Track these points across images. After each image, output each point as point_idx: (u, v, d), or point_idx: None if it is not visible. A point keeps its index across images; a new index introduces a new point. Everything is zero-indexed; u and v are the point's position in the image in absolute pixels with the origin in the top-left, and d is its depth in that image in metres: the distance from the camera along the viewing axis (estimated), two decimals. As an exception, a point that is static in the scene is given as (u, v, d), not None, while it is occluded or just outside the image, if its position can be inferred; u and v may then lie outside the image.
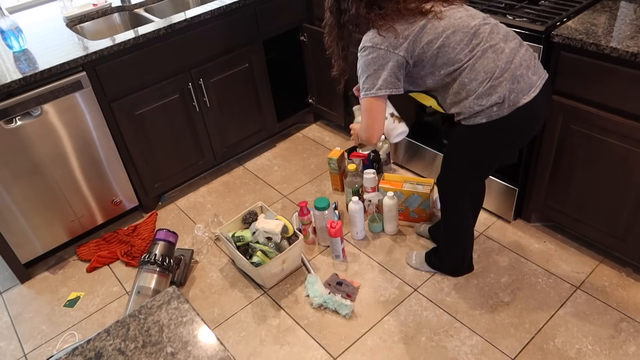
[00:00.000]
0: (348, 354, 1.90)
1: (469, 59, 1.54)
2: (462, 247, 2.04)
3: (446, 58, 1.55)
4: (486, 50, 1.53)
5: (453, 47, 1.54)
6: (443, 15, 1.55)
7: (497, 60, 1.53)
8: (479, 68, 1.53)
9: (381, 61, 1.56)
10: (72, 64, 2.11)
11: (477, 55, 1.53)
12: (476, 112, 1.57)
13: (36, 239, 2.35)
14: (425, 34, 1.54)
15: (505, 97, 1.53)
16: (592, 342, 1.84)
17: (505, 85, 1.53)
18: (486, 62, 1.53)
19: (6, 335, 2.16)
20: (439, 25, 1.54)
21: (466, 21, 1.55)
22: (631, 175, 1.82)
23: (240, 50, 2.64)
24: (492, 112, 1.55)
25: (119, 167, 2.46)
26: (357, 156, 2.62)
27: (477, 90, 1.54)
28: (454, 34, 1.53)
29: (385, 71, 1.56)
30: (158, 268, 2.14)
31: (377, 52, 1.56)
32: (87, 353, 1.02)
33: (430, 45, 1.54)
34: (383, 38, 1.55)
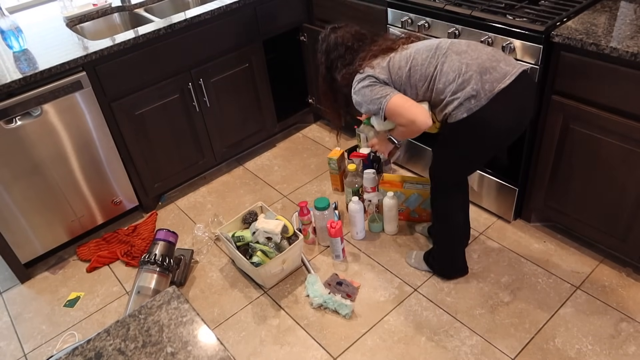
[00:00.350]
0: (348, 354, 1.90)
1: (436, 67, 1.69)
2: (451, 245, 2.05)
3: (418, 75, 1.71)
4: (448, 55, 1.69)
5: (421, 64, 1.71)
6: (409, 47, 1.77)
7: (462, 59, 1.66)
8: (447, 69, 1.67)
9: (372, 83, 1.75)
10: (72, 64, 2.11)
11: (442, 61, 1.69)
12: (455, 107, 1.66)
13: (36, 239, 2.35)
14: (396, 62, 1.75)
15: (478, 89, 1.63)
16: (592, 342, 1.84)
17: (476, 77, 1.63)
18: (452, 63, 1.67)
19: (6, 335, 2.16)
20: (406, 53, 1.75)
21: (428, 43, 1.76)
22: (631, 175, 1.82)
23: (240, 50, 2.64)
24: (470, 104, 1.64)
25: (119, 167, 2.46)
26: (357, 156, 2.62)
27: (451, 88, 1.66)
28: (419, 54, 1.73)
29: (376, 87, 1.75)
30: (158, 268, 2.14)
31: (365, 80, 1.76)
32: (87, 353, 1.02)
33: (402, 70, 1.73)
34: (363, 72, 1.78)
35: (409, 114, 1.69)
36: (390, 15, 2.33)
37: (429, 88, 1.71)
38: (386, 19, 2.36)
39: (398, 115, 1.72)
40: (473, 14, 2.01)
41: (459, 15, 2.05)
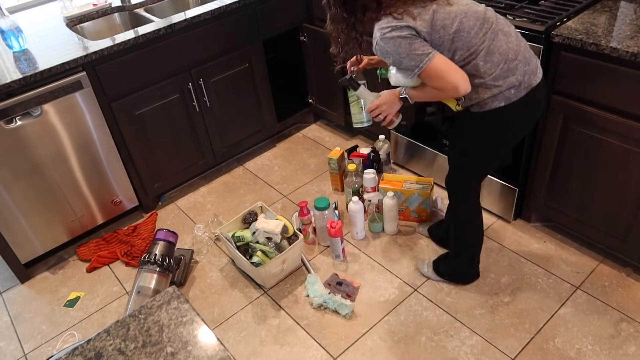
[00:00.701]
0: (348, 354, 1.90)
1: (483, 42, 1.54)
2: (472, 248, 2.00)
3: (461, 42, 1.54)
4: (497, 33, 1.55)
5: (467, 32, 1.53)
6: (453, 1, 1.55)
7: (509, 42, 1.56)
8: (494, 50, 1.54)
9: (408, 36, 1.52)
10: (72, 64, 2.11)
11: (491, 37, 1.54)
12: (493, 95, 1.58)
13: (36, 239, 2.34)
14: (440, 18, 1.52)
15: (521, 80, 1.57)
16: (592, 342, 1.84)
17: (520, 68, 1.57)
18: (499, 44, 1.55)
19: (6, 335, 2.16)
20: (451, 11, 1.53)
21: (473, 7, 1.57)
22: (631, 175, 1.82)
23: (240, 50, 2.64)
24: (510, 94, 1.58)
25: (119, 167, 2.46)
26: (357, 156, 2.62)
27: (493, 72, 1.55)
28: (467, 19, 1.53)
29: (417, 42, 1.53)
30: (158, 268, 2.14)
31: (403, 30, 1.52)
32: (87, 353, 1.02)
33: (447, 30, 1.53)
34: (400, 19, 1.53)
35: (453, 79, 1.53)
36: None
37: (465, 60, 1.56)
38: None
39: (438, 78, 1.55)
40: (473, 14, 2.01)
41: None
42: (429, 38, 1.53)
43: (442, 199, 2.49)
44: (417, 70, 1.55)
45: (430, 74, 1.55)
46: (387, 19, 1.55)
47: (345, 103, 2.91)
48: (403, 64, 1.57)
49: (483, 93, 1.59)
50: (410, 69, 1.56)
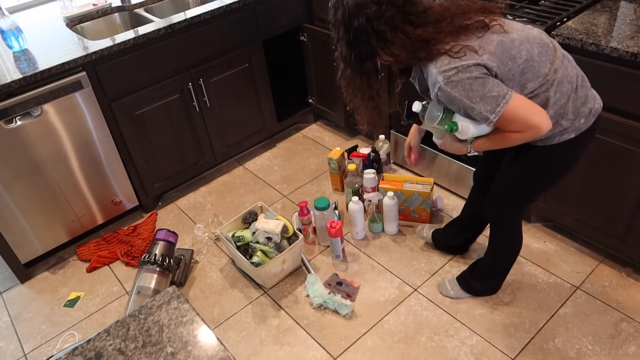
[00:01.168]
0: (348, 354, 1.90)
1: (553, 70, 1.38)
2: (510, 267, 1.95)
3: (532, 73, 1.36)
4: (561, 58, 1.40)
5: (537, 60, 1.36)
6: (507, 27, 1.37)
7: (572, 66, 1.42)
8: (562, 78, 1.39)
9: (478, 75, 1.31)
10: (72, 64, 2.11)
11: (558, 64, 1.39)
12: (564, 128, 1.43)
13: (36, 239, 2.35)
14: (505, 48, 1.33)
15: (592, 107, 1.44)
16: (592, 342, 1.84)
17: (589, 94, 1.44)
18: (565, 71, 1.40)
19: (6, 335, 2.16)
20: (514, 38, 1.35)
21: (529, 32, 1.39)
22: (631, 175, 1.82)
23: (240, 50, 2.64)
24: (580, 124, 1.43)
25: (119, 167, 2.46)
26: (357, 156, 2.62)
27: (565, 103, 1.40)
28: (531, 46, 1.36)
29: (489, 81, 1.31)
30: (158, 268, 2.14)
31: (467, 71, 1.30)
32: (87, 353, 1.02)
33: (515, 61, 1.34)
34: (462, 56, 1.30)
35: (535, 119, 1.32)
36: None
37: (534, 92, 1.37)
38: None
39: (517, 121, 1.34)
40: (473, 14, 2.01)
41: (459, 15, 2.05)
42: (499, 73, 1.33)
43: (442, 199, 2.49)
44: (493, 116, 1.32)
45: (508, 117, 1.33)
46: (446, 59, 1.32)
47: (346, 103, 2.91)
48: (475, 110, 1.34)
49: (554, 128, 1.40)
50: (485, 116, 1.34)
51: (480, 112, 1.34)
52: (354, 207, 2.26)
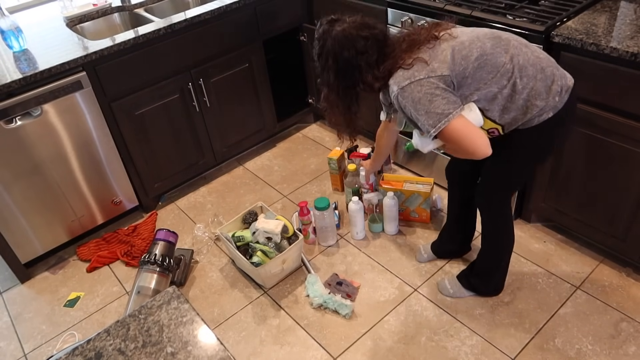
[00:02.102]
0: (348, 354, 1.90)
1: (512, 58, 1.44)
2: (508, 256, 1.95)
3: (490, 66, 1.43)
4: (518, 47, 1.46)
5: (491, 53, 1.43)
6: (456, 34, 1.47)
7: (533, 52, 1.48)
8: (524, 63, 1.45)
9: (428, 89, 1.40)
10: (72, 64, 2.11)
11: (514, 52, 1.45)
12: (540, 108, 1.48)
13: (36, 239, 2.35)
14: (456, 51, 1.43)
15: (562, 84, 1.49)
16: (592, 342, 1.84)
17: (556, 72, 1.49)
18: (527, 57, 1.46)
19: (6, 335, 2.16)
20: (463, 41, 1.45)
21: (480, 31, 1.50)
22: (631, 175, 1.82)
23: (240, 50, 2.64)
24: (555, 102, 1.49)
25: (119, 167, 2.46)
26: (357, 156, 2.62)
27: (535, 88, 1.46)
28: (482, 42, 1.44)
29: (438, 97, 1.40)
30: (158, 268, 2.14)
31: (418, 84, 1.40)
32: (87, 353, 1.03)
33: (467, 60, 1.43)
34: (415, 70, 1.42)
35: (470, 145, 1.41)
36: (390, 15, 2.33)
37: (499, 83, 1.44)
38: (386, 19, 2.36)
39: (454, 141, 1.43)
40: (473, 14, 2.01)
41: (459, 15, 2.05)
42: (453, 76, 1.42)
43: (442, 199, 2.49)
44: (434, 130, 1.41)
45: (447, 136, 1.42)
46: (401, 72, 1.44)
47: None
48: (420, 122, 1.44)
49: (531, 111, 1.48)
50: (427, 129, 1.43)
51: (423, 124, 1.44)
52: (353, 207, 2.26)
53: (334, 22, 1.50)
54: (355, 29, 1.46)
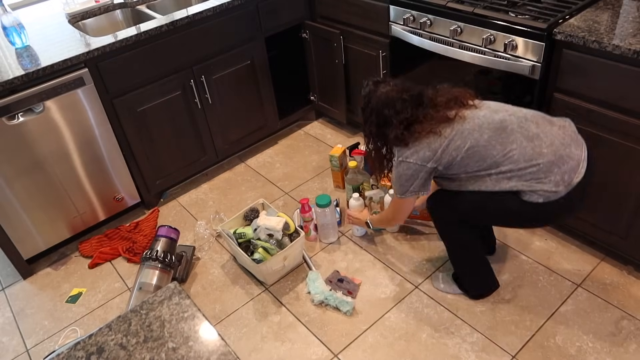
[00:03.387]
0: (349, 351, 1.90)
1: (505, 154, 1.59)
2: (473, 268, 1.96)
3: (478, 157, 1.61)
4: (518, 140, 1.59)
5: (483, 145, 1.60)
6: (467, 118, 1.63)
7: (535, 146, 1.58)
8: (518, 157, 1.59)
9: (413, 173, 1.69)
10: (74, 61, 2.12)
11: (511, 147, 1.59)
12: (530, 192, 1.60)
13: (38, 235, 2.35)
14: (452, 141, 1.62)
15: (558, 180, 1.57)
16: (593, 340, 1.84)
17: (556, 170, 1.57)
18: (523, 150, 1.58)
19: (8, 331, 2.17)
20: (465, 129, 1.62)
21: (490, 117, 1.63)
22: (632, 173, 1.82)
23: (242, 47, 2.64)
24: (548, 194, 1.59)
25: (121, 164, 2.47)
26: (359, 153, 2.62)
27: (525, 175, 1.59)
28: (481, 135, 1.61)
29: (417, 180, 1.70)
30: (160, 264, 2.14)
31: (408, 166, 1.68)
32: (89, 348, 1.03)
33: (459, 150, 1.62)
34: (414, 151, 1.66)
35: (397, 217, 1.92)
36: (392, 12, 2.33)
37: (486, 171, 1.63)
38: (388, 16, 2.36)
39: (394, 208, 1.88)
40: (475, 11, 2.01)
41: (462, 12, 2.05)
42: (439, 159, 1.65)
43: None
44: (396, 195, 1.79)
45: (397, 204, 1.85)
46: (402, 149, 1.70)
47: (348, 101, 2.91)
48: (395, 184, 1.77)
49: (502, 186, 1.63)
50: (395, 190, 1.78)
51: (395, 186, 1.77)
52: (354, 204, 2.26)
53: (378, 83, 1.75)
54: (397, 92, 1.69)
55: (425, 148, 1.65)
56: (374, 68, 2.61)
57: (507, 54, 1.95)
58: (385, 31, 2.42)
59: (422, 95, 1.71)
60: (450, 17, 2.09)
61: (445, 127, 1.63)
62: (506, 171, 1.60)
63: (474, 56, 2.05)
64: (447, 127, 1.63)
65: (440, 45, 2.16)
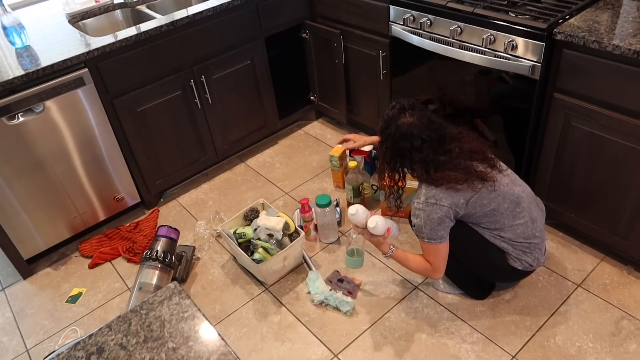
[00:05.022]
0: (349, 351, 1.90)
1: (512, 225, 1.76)
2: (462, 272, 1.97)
3: (493, 219, 1.75)
4: (525, 217, 1.77)
5: (501, 213, 1.73)
6: (495, 181, 1.71)
7: (534, 229, 1.79)
8: (520, 232, 1.77)
9: (443, 216, 1.70)
10: (74, 61, 2.12)
11: (519, 222, 1.76)
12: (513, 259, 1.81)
13: (38, 235, 2.35)
14: (481, 197, 1.70)
15: (537, 258, 1.84)
16: (593, 340, 1.84)
17: (537, 251, 1.83)
18: (526, 228, 1.77)
19: (8, 331, 2.17)
20: (492, 192, 1.71)
21: (511, 189, 1.75)
22: (633, 173, 1.82)
23: (242, 47, 2.64)
24: (526, 265, 1.82)
25: (121, 164, 2.47)
26: (359, 153, 2.62)
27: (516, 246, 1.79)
28: (503, 202, 1.73)
29: (444, 224, 1.73)
30: (160, 264, 2.14)
31: (440, 209, 1.70)
32: (89, 348, 1.03)
33: (483, 207, 1.72)
34: (448, 195, 1.69)
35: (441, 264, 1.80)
36: (392, 12, 2.33)
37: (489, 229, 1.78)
38: (388, 16, 2.36)
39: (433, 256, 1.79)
40: (475, 11, 2.01)
41: (462, 12, 2.05)
42: (465, 208, 1.71)
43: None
44: (426, 240, 1.76)
45: (433, 250, 1.77)
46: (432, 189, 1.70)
47: (348, 101, 2.91)
48: (424, 228, 1.74)
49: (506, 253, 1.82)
50: (424, 235, 1.75)
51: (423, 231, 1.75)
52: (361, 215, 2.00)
53: (404, 110, 1.72)
54: (418, 128, 1.67)
55: (460, 195, 1.69)
56: (374, 68, 2.61)
57: (507, 54, 1.95)
58: (385, 31, 2.42)
59: (444, 139, 1.71)
60: (450, 17, 2.09)
61: (477, 182, 1.69)
62: (505, 237, 1.78)
63: (474, 56, 2.05)
64: (478, 183, 1.69)
65: (440, 45, 2.16)
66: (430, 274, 1.84)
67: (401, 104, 1.73)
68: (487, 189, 1.71)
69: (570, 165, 2.00)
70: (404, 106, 1.73)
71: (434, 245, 1.76)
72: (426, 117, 1.70)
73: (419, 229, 1.76)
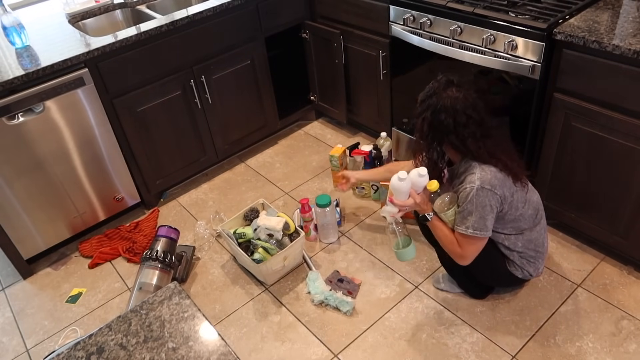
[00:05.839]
0: (349, 351, 1.90)
1: (531, 229, 1.78)
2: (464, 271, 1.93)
3: (516, 224, 1.75)
4: (541, 225, 1.82)
5: (525, 218, 1.75)
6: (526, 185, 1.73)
7: (544, 237, 1.85)
8: (535, 237, 1.80)
9: (493, 205, 1.64)
10: (74, 61, 2.12)
11: (537, 229, 1.79)
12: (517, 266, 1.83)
13: (38, 235, 2.35)
14: (518, 197, 1.70)
15: (538, 268, 1.88)
16: (593, 340, 1.84)
17: (540, 262, 1.87)
18: (539, 235, 1.81)
19: (9, 331, 2.17)
20: (522, 196, 1.71)
21: (533, 196, 1.79)
22: (633, 173, 1.82)
23: (242, 47, 2.64)
24: (527, 274, 1.86)
25: (121, 164, 2.47)
26: (359, 153, 2.62)
27: (525, 252, 1.81)
28: (528, 207, 1.74)
29: (492, 214, 1.65)
30: (160, 264, 2.14)
31: (494, 197, 1.63)
32: (89, 348, 1.03)
33: (513, 211, 1.71)
34: (499, 184, 1.62)
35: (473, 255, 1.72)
36: (392, 12, 2.33)
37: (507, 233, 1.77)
38: (388, 16, 2.36)
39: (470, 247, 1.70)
40: (475, 11, 2.01)
41: (462, 12, 2.05)
42: (504, 206, 1.68)
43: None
44: (470, 230, 1.66)
45: (470, 240, 1.69)
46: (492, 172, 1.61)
47: (348, 101, 2.91)
48: (471, 215, 1.64)
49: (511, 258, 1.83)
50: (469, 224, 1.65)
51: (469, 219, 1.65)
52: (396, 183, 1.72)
53: (450, 84, 1.64)
54: (463, 105, 1.60)
55: (506, 188, 1.65)
56: (374, 68, 2.61)
57: (507, 54, 1.95)
58: (385, 31, 2.42)
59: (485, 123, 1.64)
60: (450, 17, 2.09)
61: (514, 182, 1.67)
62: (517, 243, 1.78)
63: (474, 56, 2.05)
64: (515, 183, 1.67)
65: (440, 45, 2.16)
66: (457, 258, 1.75)
67: (449, 78, 1.66)
68: (522, 189, 1.70)
69: (570, 165, 2.00)
70: (452, 80, 1.65)
71: (474, 238, 1.67)
72: (472, 97, 1.63)
73: (463, 217, 1.65)
